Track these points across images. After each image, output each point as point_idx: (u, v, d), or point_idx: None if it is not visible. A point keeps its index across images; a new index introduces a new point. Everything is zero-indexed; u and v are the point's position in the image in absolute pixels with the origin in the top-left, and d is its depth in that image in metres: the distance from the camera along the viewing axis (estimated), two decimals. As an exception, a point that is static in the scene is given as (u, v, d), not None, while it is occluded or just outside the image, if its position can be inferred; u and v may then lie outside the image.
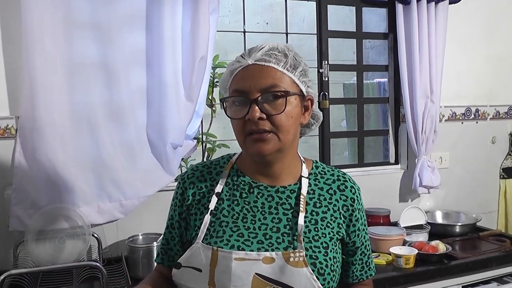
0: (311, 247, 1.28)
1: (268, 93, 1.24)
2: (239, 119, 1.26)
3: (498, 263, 2.50)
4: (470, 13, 3.22)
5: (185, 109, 2.37)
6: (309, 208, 1.34)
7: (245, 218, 1.32)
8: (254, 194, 1.35)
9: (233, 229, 1.29)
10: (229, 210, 1.33)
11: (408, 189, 3.14)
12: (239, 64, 1.29)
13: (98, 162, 2.27)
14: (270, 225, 1.30)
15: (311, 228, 1.31)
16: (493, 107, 3.39)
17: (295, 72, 1.29)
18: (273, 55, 1.27)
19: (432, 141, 3.06)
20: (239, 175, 1.38)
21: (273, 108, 1.24)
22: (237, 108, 1.27)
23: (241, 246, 1.26)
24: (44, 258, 1.99)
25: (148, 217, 2.47)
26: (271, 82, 1.25)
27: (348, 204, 1.38)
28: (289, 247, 1.26)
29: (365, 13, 3.19)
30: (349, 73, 3.69)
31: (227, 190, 1.36)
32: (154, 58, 2.33)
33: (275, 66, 1.26)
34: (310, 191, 1.37)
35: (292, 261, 1.24)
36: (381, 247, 2.50)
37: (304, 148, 4.14)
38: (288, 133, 1.27)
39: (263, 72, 1.25)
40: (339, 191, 1.38)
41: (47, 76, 2.11)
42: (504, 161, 3.47)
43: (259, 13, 4.22)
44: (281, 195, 1.35)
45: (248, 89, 1.24)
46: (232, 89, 1.29)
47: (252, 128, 1.24)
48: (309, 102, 1.35)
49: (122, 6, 2.26)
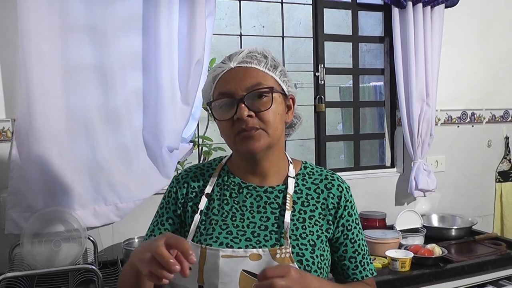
0: (297, 245, 1.30)
1: (253, 91, 1.27)
2: (227, 120, 1.29)
3: (493, 266, 2.51)
4: (465, 17, 3.24)
5: (181, 112, 2.37)
6: (297, 207, 1.36)
7: (234, 217, 1.34)
8: (244, 194, 1.38)
9: (222, 227, 1.32)
10: (219, 209, 1.36)
11: (404, 193, 3.15)
12: (221, 69, 1.32)
13: (94, 165, 2.26)
14: (258, 223, 1.33)
15: (299, 226, 1.33)
16: (488, 111, 3.41)
17: (276, 72, 1.33)
18: (254, 57, 1.32)
19: (428, 145, 3.06)
20: (229, 176, 1.41)
21: (260, 105, 1.28)
22: (223, 110, 1.30)
23: (230, 243, 1.29)
24: (40, 261, 1.98)
25: (144, 220, 2.44)
26: (255, 80, 1.28)
27: (335, 202, 1.39)
28: (276, 244, 1.29)
29: (361, 16, 3.20)
30: (345, 76, 3.70)
31: (218, 190, 1.39)
32: (151, 61, 2.34)
33: (257, 67, 1.31)
34: (298, 191, 1.39)
35: (279, 257, 1.26)
36: (377, 250, 2.50)
37: (300, 151, 4.16)
38: (277, 129, 1.31)
39: (246, 72, 1.29)
40: (326, 189, 1.41)
41: (44, 79, 2.11)
42: (499, 164, 3.48)
43: (255, 16, 4.24)
44: (270, 195, 1.37)
45: (234, 90, 1.28)
46: (217, 93, 1.32)
47: (241, 127, 1.27)
48: (291, 101, 1.39)
49: (118, 9, 2.27)
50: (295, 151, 4.06)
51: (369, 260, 1.46)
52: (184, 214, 1.39)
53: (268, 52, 1.35)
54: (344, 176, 1.48)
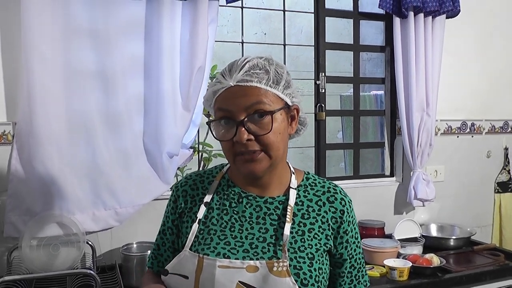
0: (295, 257, 1.28)
1: (253, 114, 1.23)
2: (227, 141, 1.26)
3: (492, 277, 2.50)
4: (466, 28, 3.25)
5: (182, 118, 2.37)
6: (297, 219, 1.34)
7: (233, 227, 1.33)
8: (243, 204, 1.36)
9: (220, 237, 1.31)
10: (218, 218, 1.35)
11: (403, 202, 3.15)
12: (221, 85, 1.27)
13: (94, 169, 2.27)
14: (256, 234, 1.32)
15: (298, 238, 1.31)
16: (488, 122, 3.41)
17: (278, 87, 1.27)
18: (254, 75, 1.25)
19: (427, 154, 3.07)
20: (229, 185, 1.40)
21: (260, 127, 1.24)
22: (224, 128, 1.27)
23: (227, 254, 1.27)
24: (38, 265, 1.98)
25: (142, 226, 2.46)
26: (255, 99, 1.23)
27: (337, 216, 1.37)
28: (274, 257, 1.27)
29: (363, 25, 3.21)
30: (345, 84, 3.71)
31: (218, 200, 1.38)
32: (152, 67, 2.34)
33: (258, 85, 1.25)
34: (299, 202, 1.37)
35: (276, 270, 1.24)
36: (375, 259, 2.50)
37: (300, 159, 4.16)
38: (279, 150, 1.28)
39: (246, 91, 1.24)
40: (329, 202, 1.38)
41: (45, 82, 2.12)
42: (499, 175, 3.48)
43: (257, 23, 4.25)
44: (270, 206, 1.36)
45: (233, 109, 1.24)
46: (217, 107, 1.29)
47: (241, 150, 1.25)
48: (295, 112, 1.35)
49: (121, 14, 2.27)
50: (295, 159, 4.06)
51: (364, 272, 1.45)
52: (181, 224, 1.39)
53: (270, 64, 1.29)
54: (343, 185, 1.48)
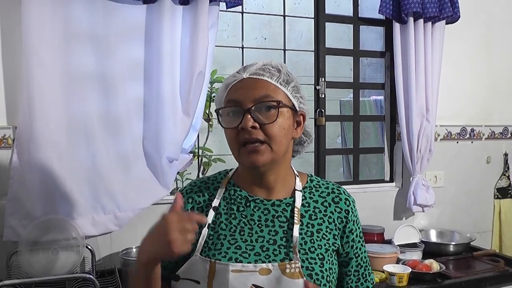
0: (307, 259, 1.30)
1: (261, 103, 1.28)
2: (232, 128, 1.30)
3: (491, 283, 2.50)
4: (466, 34, 3.25)
5: (182, 123, 2.37)
6: (305, 220, 1.36)
7: (243, 231, 1.34)
8: (251, 208, 1.37)
9: (230, 242, 1.32)
10: (227, 223, 1.36)
11: (403, 207, 3.14)
12: (234, 78, 1.34)
13: (94, 173, 2.26)
14: (266, 237, 1.33)
15: (307, 240, 1.33)
16: (488, 127, 3.41)
17: (288, 87, 1.34)
18: (267, 70, 1.33)
19: (427, 160, 3.07)
20: (235, 189, 1.41)
21: (266, 118, 1.29)
22: (231, 118, 1.32)
23: (239, 258, 1.28)
24: (38, 269, 1.98)
25: (142, 230, 2.40)
26: (265, 92, 1.30)
27: (342, 216, 1.41)
28: (286, 259, 1.29)
29: (363, 31, 3.21)
30: (345, 90, 3.71)
31: (225, 204, 1.39)
32: (153, 71, 2.34)
33: (269, 80, 1.32)
34: (305, 204, 1.39)
35: (288, 272, 1.26)
36: (375, 265, 2.49)
37: (299, 163, 4.13)
38: (281, 144, 1.31)
39: (257, 84, 1.31)
40: (334, 203, 1.42)
41: (45, 86, 2.12)
42: (498, 181, 3.48)
43: (257, 28, 4.26)
44: (277, 208, 1.37)
45: (242, 99, 1.29)
46: (227, 100, 1.34)
47: (245, 137, 1.28)
48: (302, 118, 1.40)
49: (121, 18, 2.28)
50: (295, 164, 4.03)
51: (369, 271, 1.48)
52: None
53: (283, 67, 1.37)
54: (342, 190, 1.49)
